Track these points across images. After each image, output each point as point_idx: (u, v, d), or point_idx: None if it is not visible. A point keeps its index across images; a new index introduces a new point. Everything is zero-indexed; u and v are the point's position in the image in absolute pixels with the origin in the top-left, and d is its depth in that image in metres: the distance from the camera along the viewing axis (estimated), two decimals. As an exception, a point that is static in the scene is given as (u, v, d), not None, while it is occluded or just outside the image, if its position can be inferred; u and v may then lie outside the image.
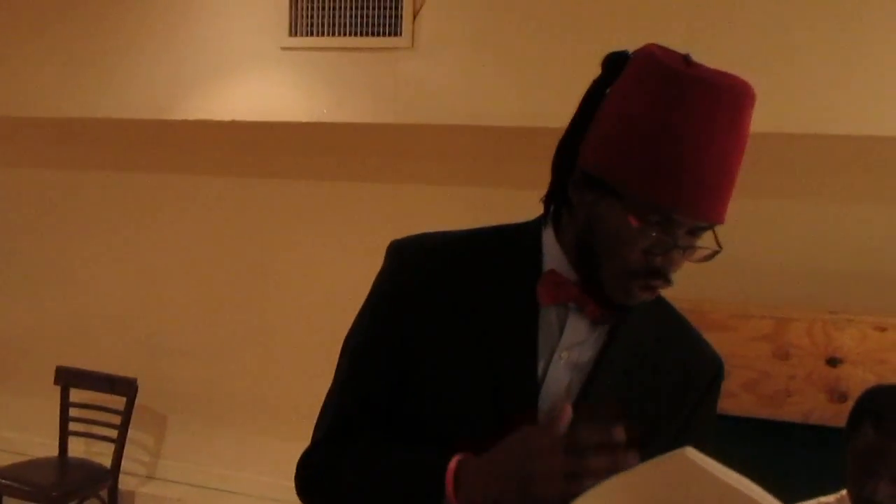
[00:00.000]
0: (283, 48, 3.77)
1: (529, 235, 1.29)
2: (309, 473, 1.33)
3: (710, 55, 1.24)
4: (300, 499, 1.36)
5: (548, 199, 1.29)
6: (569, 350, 1.26)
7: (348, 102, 3.71)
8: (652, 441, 1.19)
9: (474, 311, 1.26)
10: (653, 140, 1.12)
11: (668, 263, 1.17)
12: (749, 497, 1.02)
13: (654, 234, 1.14)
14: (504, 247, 1.30)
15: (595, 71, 1.26)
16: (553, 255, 1.26)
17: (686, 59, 1.16)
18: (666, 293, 1.31)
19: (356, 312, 1.35)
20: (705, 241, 1.20)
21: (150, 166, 4.46)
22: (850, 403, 2.21)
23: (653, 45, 1.20)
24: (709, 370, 1.36)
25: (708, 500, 1.03)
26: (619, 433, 1.06)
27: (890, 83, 3.08)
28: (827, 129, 3.15)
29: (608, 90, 1.21)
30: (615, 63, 1.22)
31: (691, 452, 1.00)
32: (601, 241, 1.18)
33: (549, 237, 1.27)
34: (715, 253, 1.18)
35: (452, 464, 1.14)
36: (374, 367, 1.30)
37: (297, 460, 1.37)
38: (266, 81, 3.81)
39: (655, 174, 1.12)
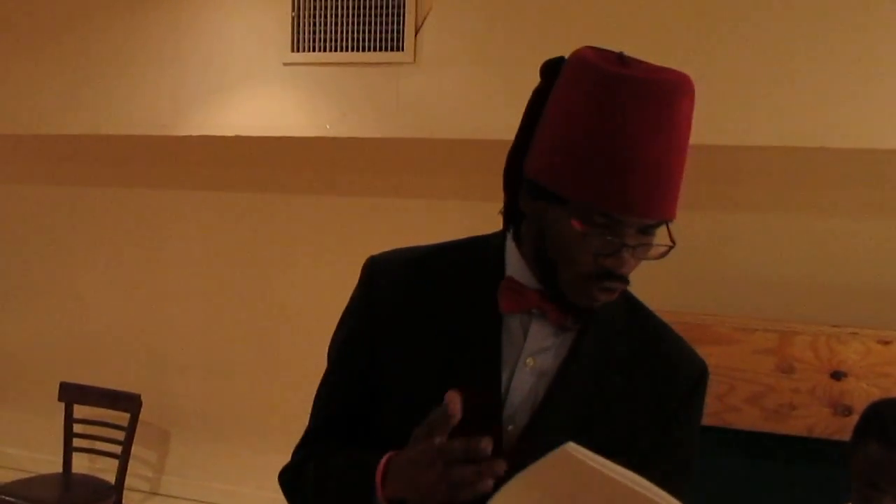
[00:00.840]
0: (286, 64, 3.78)
1: (494, 246, 1.31)
2: (287, 478, 1.40)
3: (715, 70, 1.24)
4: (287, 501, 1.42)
5: (505, 212, 1.30)
6: (534, 357, 1.27)
7: (351, 117, 3.72)
8: (630, 445, 1.20)
9: (441, 322, 1.28)
10: (588, 144, 1.12)
11: (619, 264, 1.17)
12: (631, 489, 1.02)
13: (602, 237, 1.15)
14: (470, 258, 1.32)
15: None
16: (514, 263, 1.28)
17: (620, 57, 1.16)
18: (670, 307, 1.31)
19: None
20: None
21: (153, 182, 4.47)
22: (855, 417, 2.20)
23: (586, 47, 1.20)
24: (691, 374, 1.35)
25: (591, 493, 1.04)
26: (486, 445, 1.06)
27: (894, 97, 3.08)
28: (831, 142, 3.14)
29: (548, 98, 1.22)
30: (552, 69, 1.22)
31: (572, 447, 1.01)
32: (554, 247, 1.19)
33: (510, 247, 1.29)
34: (669, 249, 1.18)
35: (384, 459, 1.17)
36: (346, 379, 1.35)
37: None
38: (269, 97, 3.82)
39: (594, 177, 1.12)
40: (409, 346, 1.28)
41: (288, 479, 1.39)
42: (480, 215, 3.78)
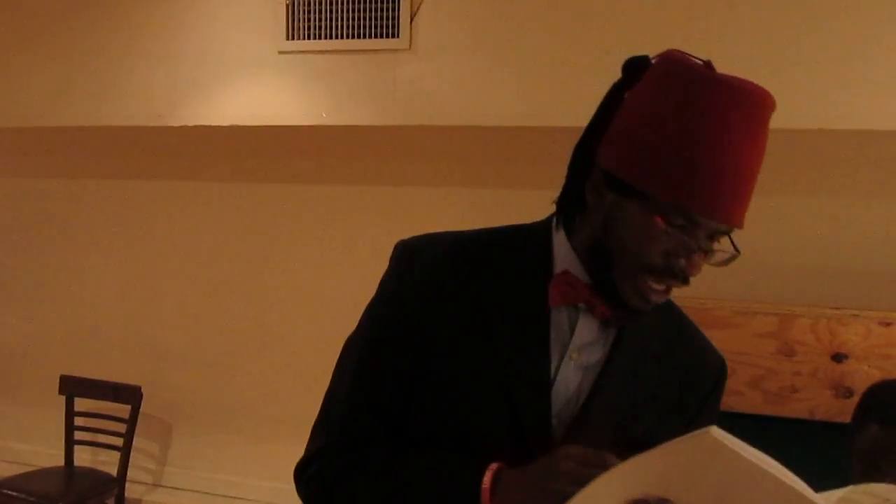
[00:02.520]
0: (281, 52, 3.76)
1: (539, 236, 1.29)
2: (319, 481, 1.31)
3: (712, 52, 1.23)
4: None
5: (561, 200, 1.29)
6: (579, 351, 1.26)
7: (347, 105, 3.70)
8: (660, 437, 1.20)
9: (485, 312, 1.25)
10: (678, 143, 1.12)
11: (691, 265, 1.17)
12: (774, 476, 1.03)
13: (680, 237, 1.15)
14: (513, 248, 1.30)
15: (591, 70, 1.26)
16: (564, 256, 1.26)
17: (707, 65, 1.17)
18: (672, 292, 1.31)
19: (360, 315, 1.34)
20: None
21: (150, 173, 4.46)
22: (856, 399, 2.20)
23: (675, 50, 1.20)
24: (712, 371, 1.37)
25: (733, 479, 1.04)
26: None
27: (894, 78, 3.06)
28: (831, 124, 3.13)
29: (626, 94, 1.22)
30: (636, 67, 1.22)
31: (716, 432, 1.01)
32: (619, 242, 1.18)
33: (559, 238, 1.27)
34: (733, 257, 1.20)
35: (489, 474, 1.15)
36: (383, 370, 1.29)
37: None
38: (264, 86, 3.80)
39: (681, 177, 1.12)
40: (454, 335, 1.25)
41: (321, 483, 1.30)
42: (478, 201, 3.81)
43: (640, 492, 1.09)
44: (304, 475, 1.32)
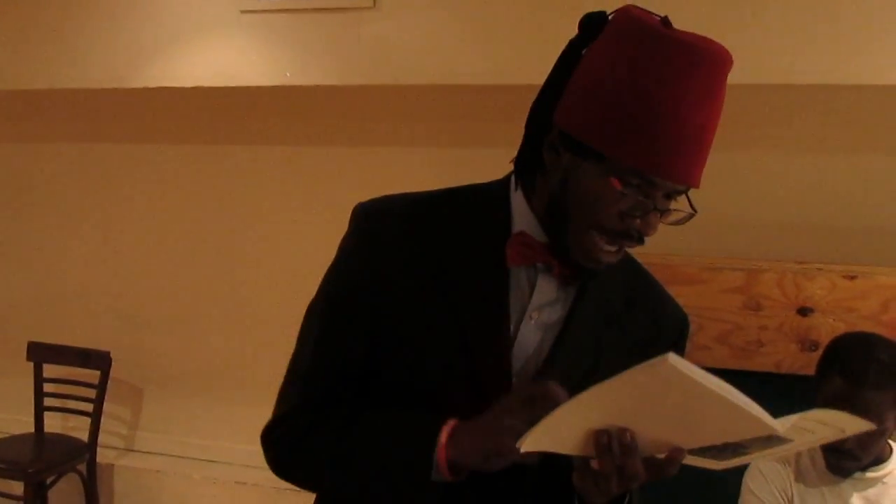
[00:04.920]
0: (243, 11, 3.70)
1: (497, 196, 1.29)
2: (284, 445, 1.31)
3: (674, 8, 1.23)
4: (275, 472, 1.34)
5: (519, 160, 1.28)
6: (539, 310, 1.27)
7: (311, 65, 3.66)
8: None
9: (444, 273, 1.26)
10: (634, 105, 1.12)
11: (647, 226, 1.17)
12: (730, 401, 1.05)
13: (636, 198, 1.15)
14: (471, 208, 1.29)
15: (559, 27, 1.25)
16: (522, 216, 1.26)
17: (664, 21, 1.16)
18: (638, 248, 1.32)
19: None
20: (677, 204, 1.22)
21: (113, 136, 4.39)
22: (821, 352, 2.23)
23: (631, 5, 1.19)
24: (675, 327, 1.39)
25: (691, 405, 1.06)
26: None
27: (858, 32, 3.06)
28: (795, 79, 3.14)
29: (584, 51, 1.21)
30: (593, 24, 1.21)
31: (673, 359, 1.02)
32: (576, 202, 1.18)
33: (518, 198, 1.27)
34: (690, 216, 1.20)
35: (445, 431, 1.16)
36: (344, 333, 1.29)
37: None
38: (227, 46, 3.74)
39: (637, 138, 1.12)
40: (413, 296, 1.26)
41: (286, 446, 1.31)
42: (445, 161, 3.79)
43: (601, 422, 1.11)
44: (269, 439, 1.33)
